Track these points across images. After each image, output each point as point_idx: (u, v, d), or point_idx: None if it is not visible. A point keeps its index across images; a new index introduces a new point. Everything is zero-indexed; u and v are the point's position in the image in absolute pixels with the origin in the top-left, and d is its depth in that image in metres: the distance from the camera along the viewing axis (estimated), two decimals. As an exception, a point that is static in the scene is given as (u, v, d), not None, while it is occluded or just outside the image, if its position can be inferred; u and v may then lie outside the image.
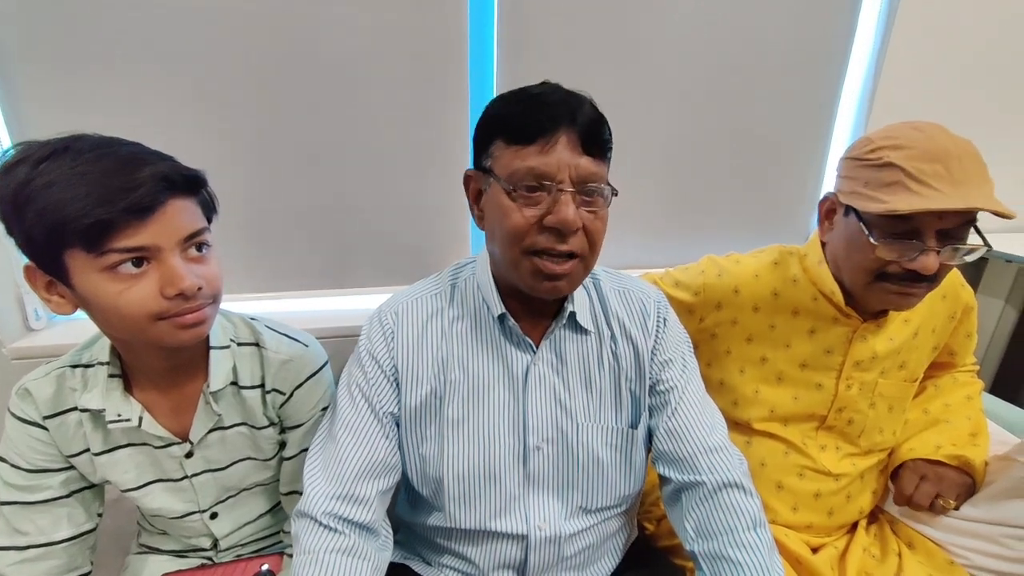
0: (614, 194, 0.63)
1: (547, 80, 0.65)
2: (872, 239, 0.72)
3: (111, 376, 0.66)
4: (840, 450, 0.89)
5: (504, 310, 0.69)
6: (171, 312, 0.57)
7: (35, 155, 0.53)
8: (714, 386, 0.91)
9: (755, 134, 1.29)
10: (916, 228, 0.70)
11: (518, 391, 0.70)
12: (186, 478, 0.73)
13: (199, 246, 0.60)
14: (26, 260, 0.57)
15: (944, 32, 1.29)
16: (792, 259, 0.88)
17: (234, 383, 0.71)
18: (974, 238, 0.73)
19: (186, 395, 0.70)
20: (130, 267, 0.55)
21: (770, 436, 0.89)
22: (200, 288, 0.58)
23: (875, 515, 0.95)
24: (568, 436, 0.71)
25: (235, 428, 0.73)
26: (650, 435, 0.75)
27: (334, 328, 1.06)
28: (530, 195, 0.60)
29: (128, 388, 0.68)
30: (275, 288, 1.17)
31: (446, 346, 0.70)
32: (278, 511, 0.84)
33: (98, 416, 0.67)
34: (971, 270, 1.52)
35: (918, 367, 0.91)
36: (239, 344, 0.72)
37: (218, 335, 0.70)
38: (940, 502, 0.84)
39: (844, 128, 1.35)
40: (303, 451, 0.75)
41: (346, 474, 0.65)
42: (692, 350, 0.78)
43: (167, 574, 0.79)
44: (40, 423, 0.66)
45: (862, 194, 0.74)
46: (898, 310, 0.83)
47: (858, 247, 0.75)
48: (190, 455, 0.72)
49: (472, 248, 1.24)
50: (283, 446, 0.78)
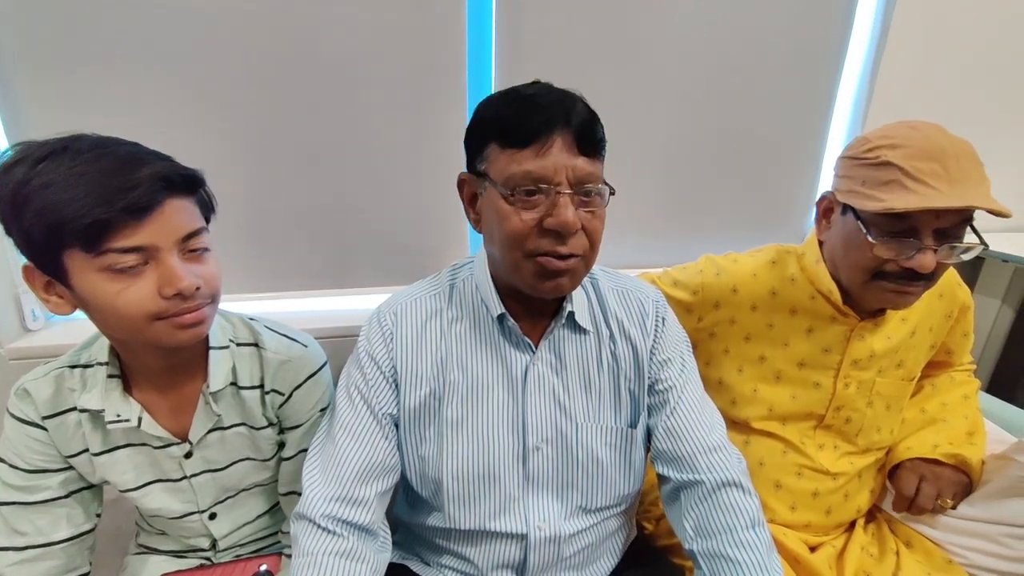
0: (612, 193, 0.63)
1: (538, 80, 0.64)
2: (870, 237, 0.72)
3: (110, 376, 0.66)
4: (838, 449, 0.89)
5: (503, 310, 0.69)
6: (169, 312, 0.57)
7: (33, 155, 0.53)
8: (713, 385, 0.91)
9: (752, 134, 1.30)
10: (913, 227, 0.70)
11: (517, 391, 0.70)
12: (185, 478, 0.73)
13: (197, 246, 0.60)
14: (24, 260, 0.57)
15: (941, 32, 1.30)
16: (790, 258, 0.88)
17: (233, 383, 0.71)
18: (971, 237, 0.73)
19: (185, 395, 0.69)
20: (128, 267, 0.55)
21: (768, 435, 0.89)
22: (198, 288, 0.58)
23: (873, 514, 0.95)
24: (567, 436, 0.71)
25: (234, 428, 0.73)
26: (649, 435, 0.75)
27: (333, 328, 1.06)
28: (528, 199, 0.60)
29: (127, 388, 0.68)
30: (274, 288, 1.17)
31: (445, 347, 0.70)
32: (277, 511, 0.84)
33: (97, 416, 0.67)
34: (968, 269, 1.53)
35: (915, 366, 0.91)
36: (238, 344, 0.72)
37: (217, 335, 0.70)
38: (938, 501, 0.85)
39: (840, 128, 1.36)
40: (302, 452, 0.75)
41: (345, 476, 0.65)
42: (691, 349, 0.79)
43: (166, 574, 0.79)
44: (39, 423, 0.66)
45: (860, 193, 0.74)
46: (895, 309, 0.83)
47: (856, 245, 0.75)
48: (189, 455, 0.72)
49: (471, 248, 1.24)
50: (282, 446, 0.77)
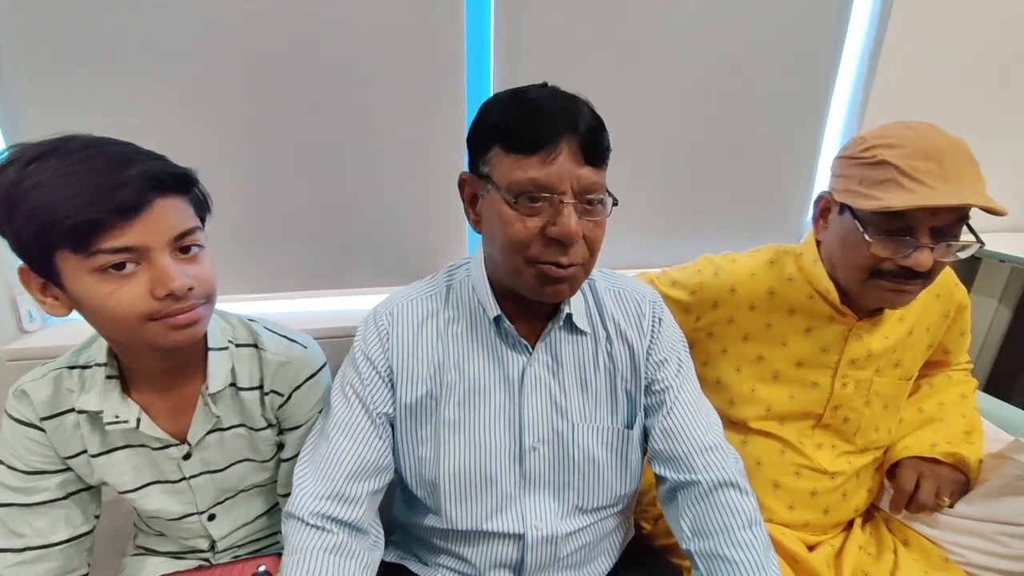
0: (614, 204, 0.63)
1: (546, 83, 0.64)
2: (867, 236, 0.73)
3: (108, 377, 0.66)
4: (836, 448, 0.89)
5: (499, 312, 0.69)
6: (162, 313, 0.57)
7: (25, 156, 0.53)
8: (711, 385, 0.91)
9: (749, 134, 1.30)
10: (910, 225, 0.71)
11: (514, 392, 0.70)
12: (184, 479, 0.73)
13: (191, 246, 0.59)
14: (20, 262, 0.57)
15: (939, 33, 1.31)
16: (788, 258, 0.88)
17: (232, 384, 0.71)
18: (968, 236, 0.74)
19: (184, 396, 0.69)
20: (118, 268, 0.54)
21: (766, 435, 0.89)
22: (191, 288, 0.58)
23: (871, 513, 0.95)
24: (564, 437, 0.71)
25: (233, 430, 0.73)
26: (646, 435, 0.75)
27: (332, 329, 1.06)
28: (532, 206, 0.59)
29: (126, 389, 0.67)
30: (273, 288, 1.17)
31: (442, 348, 0.70)
32: (276, 512, 0.83)
33: (96, 418, 0.66)
34: (965, 269, 1.53)
35: (913, 365, 0.92)
36: (237, 345, 0.72)
37: (216, 336, 0.70)
38: (936, 500, 0.85)
39: (836, 128, 1.37)
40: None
41: (337, 474, 0.65)
42: (687, 349, 0.79)
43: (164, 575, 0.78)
44: (37, 424, 0.66)
45: (857, 192, 0.74)
46: (893, 307, 0.83)
47: (853, 244, 0.75)
48: (188, 457, 0.71)
49: (469, 249, 1.24)
50: (281, 447, 0.77)
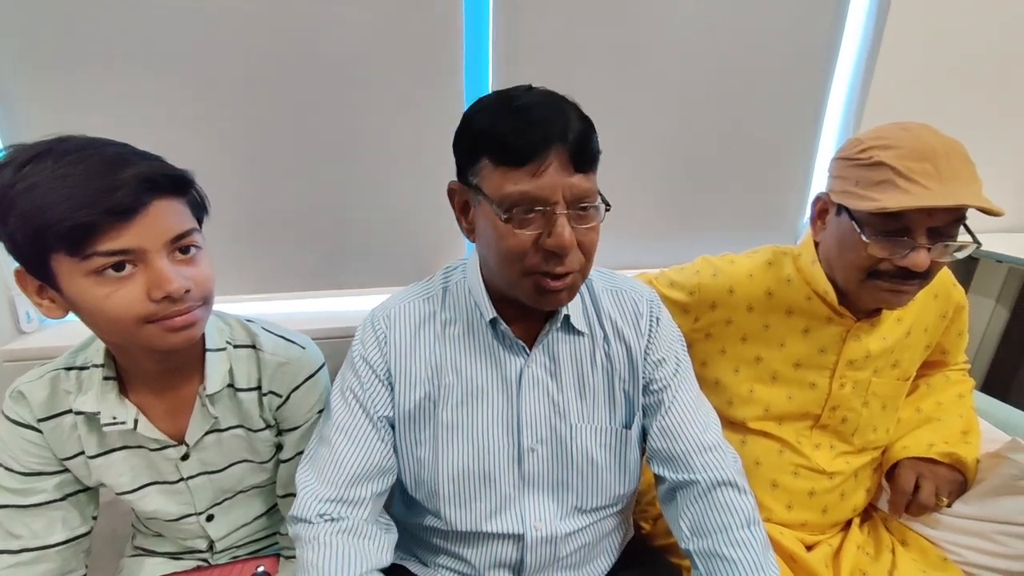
0: (607, 209, 0.62)
1: (532, 85, 0.62)
2: (864, 237, 0.73)
3: (106, 379, 0.66)
4: (834, 448, 0.89)
5: (495, 314, 0.69)
6: (159, 315, 0.57)
7: (19, 158, 0.52)
8: (709, 386, 0.91)
9: (747, 136, 1.31)
10: (907, 226, 0.71)
11: (512, 394, 0.70)
12: (182, 480, 0.73)
13: (187, 247, 0.59)
14: (16, 264, 0.56)
15: (936, 34, 1.31)
16: (786, 259, 0.88)
17: (230, 385, 0.71)
18: (965, 236, 0.74)
19: (182, 397, 0.69)
20: (114, 270, 0.54)
21: (765, 435, 0.89)
22: (188, 290, 0.57)
23: (869, 513, 0.95)
24: (562, 437, 0.71)
25: (231, 430, 0.73)
26: (644, 434, 0.75)
27: (331, 329, 1.06)
28: (524, 218, 0.59)
29: (123, 391, 0.67)
30: (271, 289, 1.17)
31: (439, 350, 0.70)
32: (274, 513, 0.83)
33: (93, 419, 0.66)
34: (962, 270, 1.54)
35: (911, 366, 0.92)
36: (235, 346, 0.72)
37: (214, 337, 0.70)
38: (934, 500, 0.85)
39: (832, 130, 1.38)
40: (300, 453, 0.74)
41: (340, 478, 0.65)
42: (686, 349, 0.79)
43: (163, 577, 0.78)
44: (34, 426, 0.66)
45: (853, 193, 0.74)
46: (891, 308, 0.83)
47: (850, 245, 0.76)
48: (186, 457, 0.71)
49: (467, 249, 1.24)
50: (279, 448, 0.77)
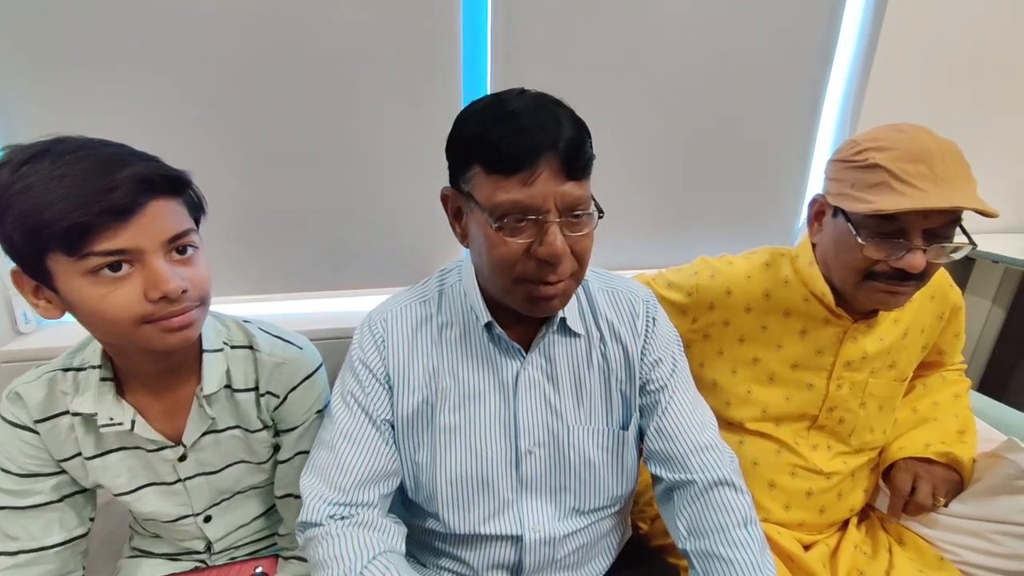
0: (600, 215, 0.61)
1: (524, 89, 0.61)
2: (860, 239, 0.73)
3: (103, 380, 0.66)
4: (831, 449, 0.90)
5: (490, 318, 0.69)
6: (156, 315, 0.57)
7: (16, 159, 0.52)
8: (707, 386, 0.91)
9: (743, 136, 1.31)
10: (902, 228, 0.71)
11: (508, 397, 0.70)
12: (179, 481, 0.73)
13: (185, 248, 0.59)
14: (13, 264, 0.56)
15: (931, 36, 1.32)
16: (783, 260, 0.89)
17: (228, 386, 0.71)
18: (961, 237, 0.74)
19: (179, 398, 0.69)
20: (111, 270, 0.54)
21: (762, 436, 0.90)
22: (185, 291, 0.57)
23: (866, 512, 0.96)
24: (559, 439, 0.71)
25: (229, 431, 0.72)
26: (642, 435, 0.75)
27: (328, 330, 1.06)
28: (516, 226, 0.58)
29: (120, 391, 0.67)
30: (269, 290, 1.17)
31: (436, 354, 0.70)
32: (272, 514, 0.83)
33: (90, 420, 0.66)
34: (959, 270, 1.54)
35: (907, 367, 0.92)
36: (232, 347, 0.72)
37: (211, 338, 0.70)
38: (931, 500, 0.85)
39: (828, 131, 1.38)
40: (298, 454, 0.75)
41: (347, 483, 0.65)
42: (682, 349, 0.79)
43: (160, 578, 0.78)
44: (31, 427, 0.66)
45: (849, 195, 0.75)
46: (887, 309, 0.84)
47: (847, 247, 0.76)
48: (183, 458, 0.71)
49: (464, 249, 1.24)
50: (277, 449, 0.77)
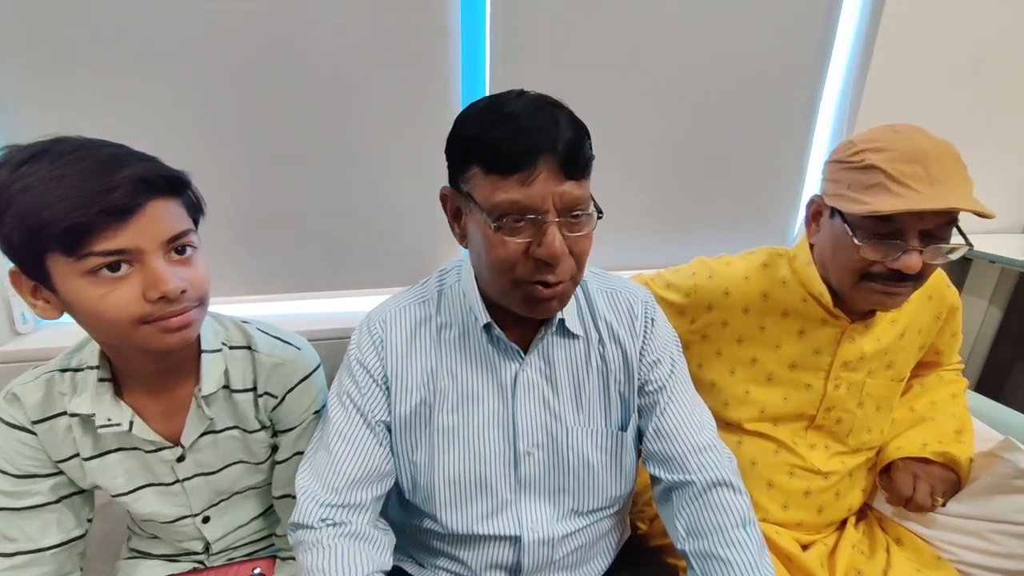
0: (599, 216, 0.61)
1: (524, 90, 0.61)
2: (856, 240, 0.73)
3: (101, 380, 0.65)
4: (829, 449, 0.90)
5: (489, 319, 0.69)
6: (155, 316, 0.57)
7: (15, 159, 0.52)
8: (705, 387, 0.91)
9: (741, 137, 1.32)
10: (899, 229, 0.71)
11: (507, 398, 0.70)
12: (177, 482, 0.72)
13: (183, 248, 0.59)
14: (11, 265, 0.56)
15: (929, 35, 1.32)
16: (781, 261, 0.89)
17: (226, 387, 0.71)
18: (958, 238, 0.74)
19: (177, 399, 0.69)
20: (110, 270, 0.54)
21: (761, 436, 0.90)
22: (184, 291, 0.57)
23: (864, 512, 0.96)
24: (558, 440, 0.71)
25: (227, 432, 0.72)
26: (640, 436, 0.75)
27: (326, 330, 1.06)
28: (514, 226, 0.58)
29: (118, 392, 0.67)
30: (267, 290, 1.17)
31: (435, 354, 0.70)
32: (270, 514, 0.83)
33: (88, 421, 0.66)
34: (956, 270, 1.55)
35: (905, 367, 0.92)
36: (231, 347, 0.72)
37: (209, 338, 0.70)
38: (929, 500, 0.86)
39: (824, 131, 1.39)
40: (296, 454, 0.75)
41: (340, 483, 0.65)
42: (681, 349, 0.79)
43: (158, 579, 0.78)
44: (29, 428, 0.65)
45: (846, 196, 0.75)
46: (884, 310, 0.84)
47: (843, 248, 0.76)
48: (181, 459, 0.71)
49: (463, 250, 1.24)
50: (275, 449, 0.77)
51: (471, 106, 0.63)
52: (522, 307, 0.63)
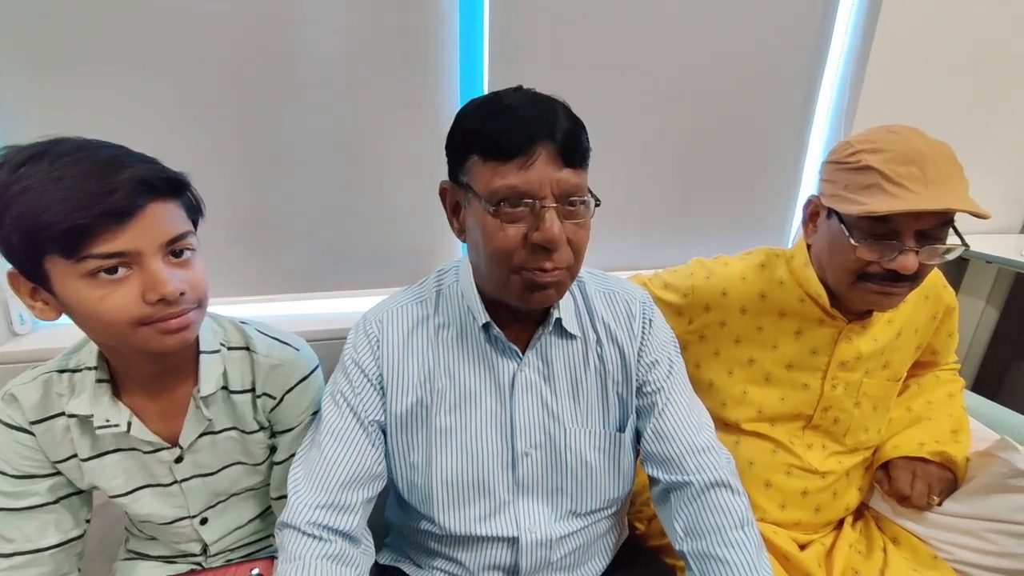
0: (597, 204, 0.62)
1: (521, 86, 0.63)
2: (853, 240, 0.74)
3: (99, 381, 0.65)
4: (826, 448, 0.90)
5: (488, 318, 0.68)
6: (154, 318, 0.57)
7: (14, 160, 0.52)
8: (703, 387, 0.92)
9: (737, 137, 1.32)
10: (895, 229, 0.72)
11: (505, 398, 0.70)
12: (176, 483, 0.72)
13: (183, 250, 0.59)
14: (10, 266, 0.56)
15: (926, 35, 1.32)
16: (779, 261, 0.89)
17: (224, 387, 0.71)
18: (954, 238, 0.75)
19: (176, 400, 0.69)
20: (108, 273, 0.54)
21: (758, 436, 0.90)
22: (183, 293, 0.57)
23: (861, 512, 0.96)
24: (556, 441, 0.71)
25: (225, 433, 0.72)
26: (638, 437, 0.75)
27: (325, 331, 1.05)
28: (513, 212, 0.58)
29: (116, 393, 0.67)
30: (266, 291, 1.16)
31: (432, 355, 0.70)
32: (268, 516, 0.83)
33: (86, 422, 0.66)
34: (953, 270, 1.55)
35: (901, 366, 0.93)
36: (229, 348, 0.72)
37: (208, 339, 0.70)
38: (925, 499, 0.86)
39: (820, 131, 1.39)
40: (294, 455, 0.75)
41: (331, 483, 0.65)
42: (679, 350, 0.79)
43: (156, 580, 0.78)
44: (27, 428, 0.65)
45: (842, 197, 0.75)
46: (881, 310, 0.84)
47: (840, 248, 0.76)
48: (180, 460, 0.71)
49: (462, 250, 1.24)
50: (273, 450, 0.77)
51: (470, 102, 0.64)
52: (520, 296, 0.63)
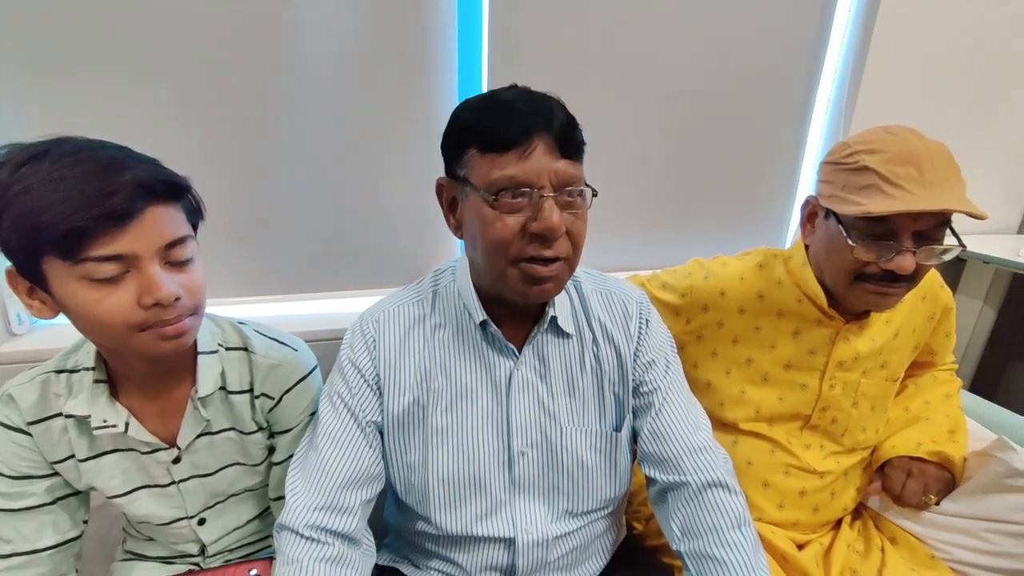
0: (594, 195, 0.63)
1: (516, 84, 0.64)
2: (850, 241, 0.74)
3: (96, 382, 0.65)
4: (824, 448, 0.90)
5: (485, 316, 0.69)
6: (150, 322, 0.57)
7: (15, 159, 0.52)
8: (701, 387, 0.92)
9: (735, 137, 1.32)
10: (892, 230, 0.72)
11: (502, 397, 0.70)
12: (173, 484, 0.72)
13: (181, 254, 0.59)
14: (8, 264, 0.56)
15: (924, 35, 1.33)
16: (777, 261, 0.89)
17: (222, 388, 0.70)
18: (951, 239, 0.75)
19: (173, 400, 0.69)
20: (107, 276, 0.54)
21: (756, 436, 0.90)
22: (179, 298, 0.57)
23: (859, 511, 0.96)
24: (552, 440, 0.71)
25: (223, 433, 0.72)
26: (635, 437, 0.75)
27: (323, 331, 1.05)
28: (511, 202, 0.59)
29: (114, 393, 0.67)
30: (264, 291, 1.16)
31: (428, 354, 0.70)
32: (266, 516, 0.83)
33: (83, 422, 0.66)
34: (950, 271, 1.55)
35: (899, 367, 0.93)
36: (227, 349, 0.72)
37: (206, 340, 0.69)
38: (922, 498, 0.86)
39: (818, 131, 1.40)
40: (292, 456, 0.74)
41: (329, 485, 0.65)
42: (675, 350, 0.79)
43: (154, 581, 0.78)
44: (24, 429, 0.65)
45: (840, 197, 0.75)
46: (878, 310, 0.84)
47: (837, 249, 0.77)
48: (177, 461, 0.71)
49: (459, 249, 1.24)
50: (272, 451, 0.77)
51: (466, 100, 0.65)
52: (518, 288, 0.63)
